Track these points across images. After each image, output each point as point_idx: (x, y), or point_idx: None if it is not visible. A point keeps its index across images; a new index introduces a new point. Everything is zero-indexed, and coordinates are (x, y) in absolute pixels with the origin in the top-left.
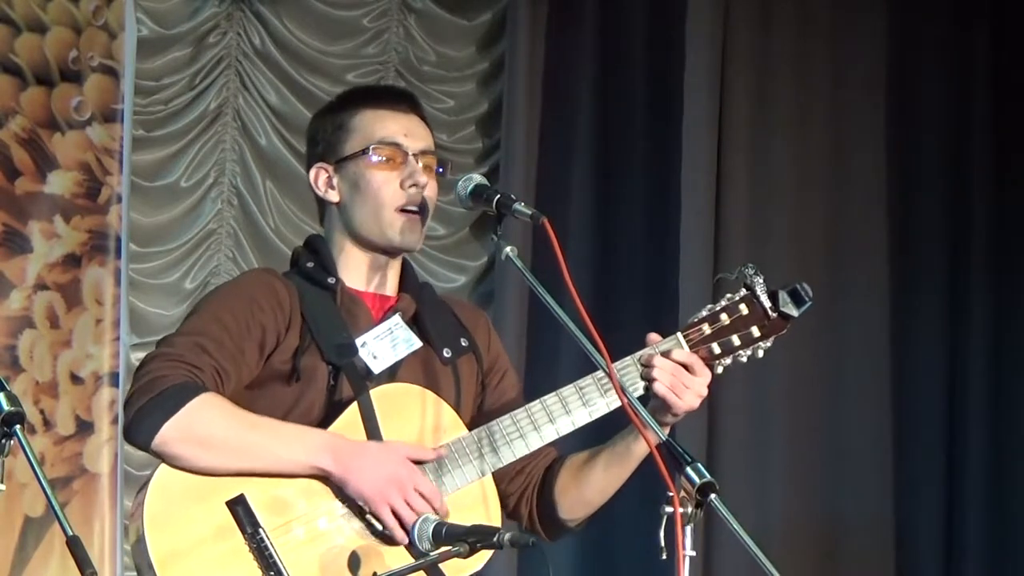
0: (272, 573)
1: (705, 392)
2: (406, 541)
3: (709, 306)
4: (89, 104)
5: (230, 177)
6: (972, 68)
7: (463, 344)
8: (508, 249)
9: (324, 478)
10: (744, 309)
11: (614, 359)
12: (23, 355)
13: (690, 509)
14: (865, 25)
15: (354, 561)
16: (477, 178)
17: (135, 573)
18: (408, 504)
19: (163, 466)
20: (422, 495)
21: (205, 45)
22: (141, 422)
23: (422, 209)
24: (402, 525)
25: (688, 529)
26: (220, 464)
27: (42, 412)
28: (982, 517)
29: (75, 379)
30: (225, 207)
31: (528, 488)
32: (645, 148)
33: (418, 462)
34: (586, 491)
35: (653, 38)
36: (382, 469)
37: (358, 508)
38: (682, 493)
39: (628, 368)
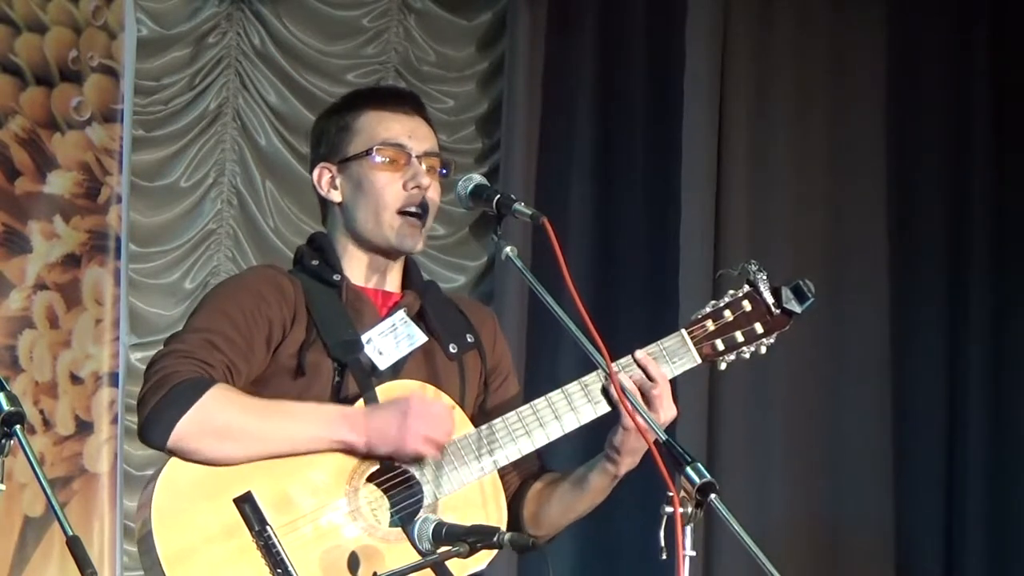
0: (280, 571)
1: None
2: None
3: (712, 302)
4: (89, 104)
5: (230, 177)
6: (972, 68)
7: (469, 340)
8: (508, 249)
9: (345, 453)
10: (747, 305)
11: (614, 359)
12: (23, 355)
13: (690, 509)
14: (865, 25)
15: (354, 560)
16: (477, 178)
17: (136, 571)
18: (437, 428)
19: (171, 461)
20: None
21: (205, 45)
22: (156, 421)
23: (424, 211)
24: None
25: (688, 529)
26: (240, 453)
27: (42, 412)
28: (982, 516)
29: (75, 379)
30: (225, 207)
31: (505, 493)
32: (645, 148)
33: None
34: (545, 512)
35: (653, 38)
36: (397, 417)
37: (362, 504)
38: (682, 493)
39: (629, 368)
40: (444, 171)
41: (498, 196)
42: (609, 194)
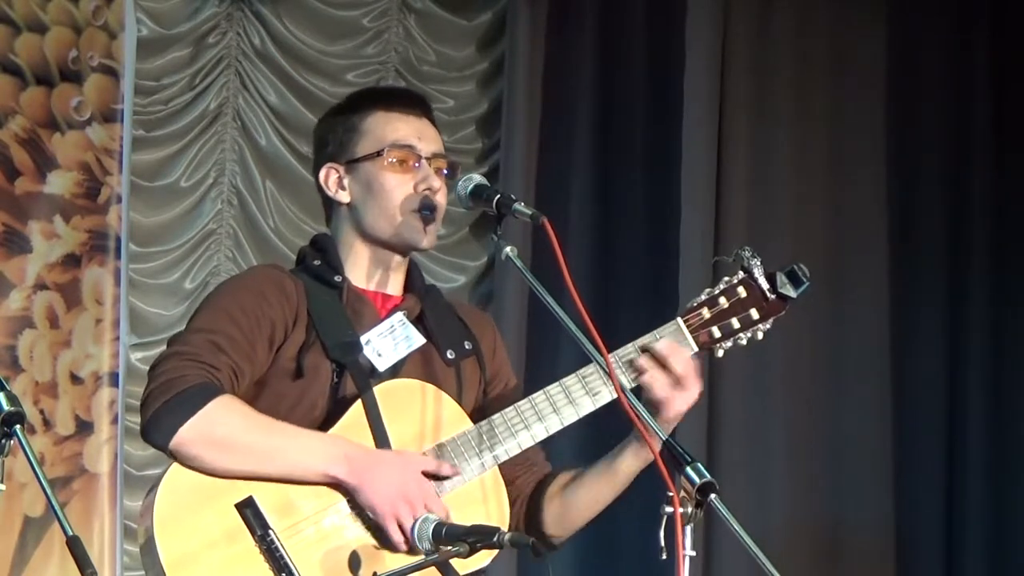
0: (284, 575)
1: (684, 404)
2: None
3: (708, 290)
4: (89, 104)
5: (230, 177)
6: (972, 68)
7: (467, 347)
8: (508, 249)
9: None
10: (742, 292)
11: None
12: (23, 355)
13: (690, 509)
14: (865, 25)
15: (355, 561)
16: (477, 178)
17: (137, 571)
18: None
19: (173, 467)
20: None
21: (205, 45)
22: (160, 423)
23: (434, 212)
24: (406, 540)
25: (688, 529)
26: (236, 467)
27: (42, 412)
28: (982, 516)
29: (75, 379)
30: (225, 207)
31: (518, 499)
32: (645, 148)
33: (434, 476)
34: (572, 507)
35: (653, 38)
36: (394, 483)
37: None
38: (682, 493)
39: (630, 355)
40: (447, 172)
41: (498, 196)
42: (609, 193)
